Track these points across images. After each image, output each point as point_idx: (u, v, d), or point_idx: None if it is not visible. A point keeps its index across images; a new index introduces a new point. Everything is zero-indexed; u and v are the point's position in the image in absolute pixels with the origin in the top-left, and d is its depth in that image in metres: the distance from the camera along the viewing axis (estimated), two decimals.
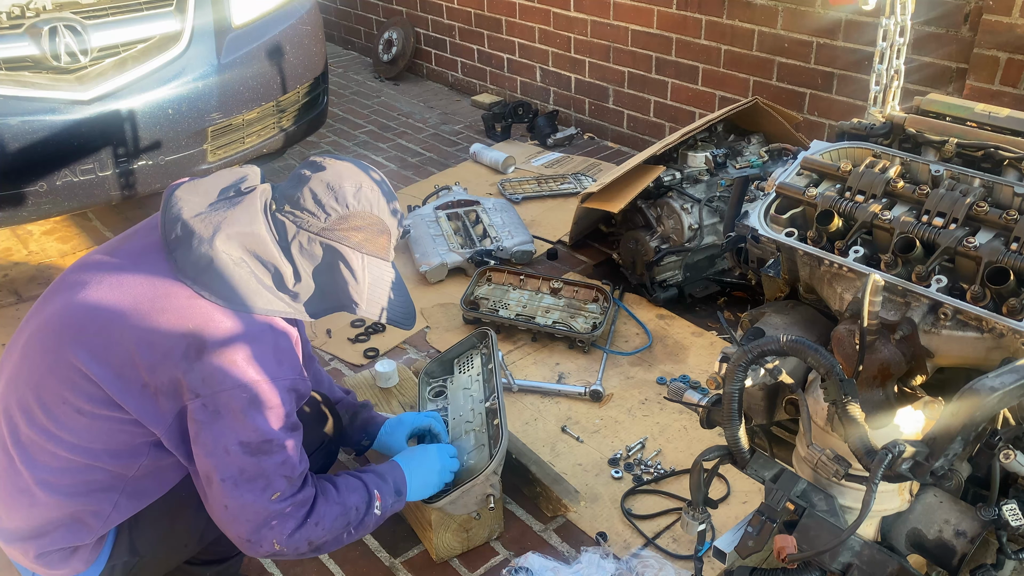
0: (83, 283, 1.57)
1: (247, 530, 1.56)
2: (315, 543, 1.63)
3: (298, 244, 1.61)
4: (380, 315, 1.72)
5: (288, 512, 1.58)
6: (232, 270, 1.53)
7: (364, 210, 1.64)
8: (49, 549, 1.58)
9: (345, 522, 1.68)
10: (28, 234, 3.75)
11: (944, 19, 3.13)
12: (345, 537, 1.69)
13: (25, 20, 2.79)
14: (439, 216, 3.58)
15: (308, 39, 3.56)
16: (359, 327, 3.06)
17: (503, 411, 2.14)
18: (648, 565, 2.06)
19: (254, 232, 1.56)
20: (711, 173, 3.22)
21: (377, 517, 1.75)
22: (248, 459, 1.52)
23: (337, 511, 1.66)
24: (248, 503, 1.54)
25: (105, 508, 1.58)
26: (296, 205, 1.62)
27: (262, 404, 1.52)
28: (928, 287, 1.37)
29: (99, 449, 1.53)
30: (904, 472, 1.21)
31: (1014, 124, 1.57)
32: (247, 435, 1.51)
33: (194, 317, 1.50)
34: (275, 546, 1.58)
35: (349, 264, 1.65)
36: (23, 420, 1.55)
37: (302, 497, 1.60)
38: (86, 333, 1.51)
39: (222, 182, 1.68)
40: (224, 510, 1.55)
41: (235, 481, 1.53)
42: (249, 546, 1.59)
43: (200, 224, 1.55)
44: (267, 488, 1.55)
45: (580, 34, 4.53)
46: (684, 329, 3.05)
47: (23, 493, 1.56)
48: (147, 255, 1.58)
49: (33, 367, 1.55)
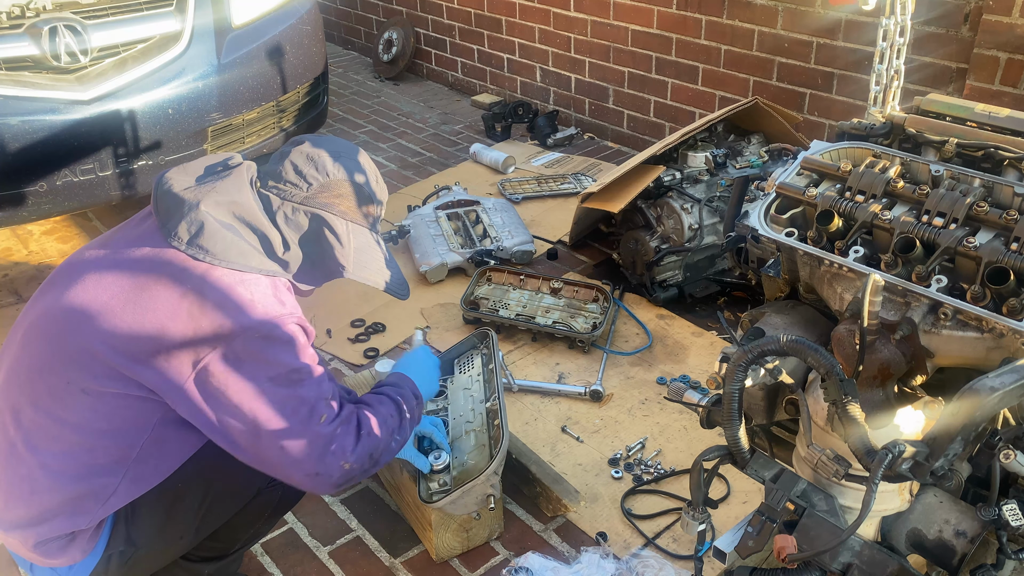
0: (78, 272, 1.60)
1: (313, 462, 1.57)
2: (375, 454, 1.66)
3: (283, 215, 1.67)
4: (371, 280, 1.77)
5: (341, 431, 1.60)
6: (223, 233, 1.57)
7: (345, 178, 1.70)
8: (48, 537, 1.59)
9: (389, 429, 1.71)
10: (28, 234, 3.75)
11: (944, 19, 3.13)
12: (393, 445, 1.73)
13: (25, 20, 2.79)
14: (439, 216, 3.58)
15: (308, 39, 3.56)
16: (359, 327, 3.06)
17: (504, 411, 2.14)
18: (648, 565, 2.06)
19: (242, 200, 1.62)
20: (711, 173, 3.22)
21: (409, 420, 1.80)
22: (284, 391, 1.55)
23: (379, 419, 1.70)
24: (302, 434, 1.56)
25: (105, 492, 1.59)
26: (278, 179, 1.69)
27: (277, 339, 1.55)
28: (928, 287, 1.37)
29: (103, 428, 1.55)
30: (904, 472, 1.21)
31: (1014, 124, 1.57)
32: (274, 370, 1.54)
33: (191, 277, 1.54)
34: (344, 466, 1.60)
35: (334, 229, 1.70)
36: (28, 406, 1.57)
37: (346, 413, 1.64)
38: (87, 314, 1.53)
39: (208, 161, 1.74)
40: (281, 452, 1.56)
41: (283, 417, 1.54)
42: (319, 480, 1.59)
43: (189, 194, 1.60)
44: (313, 413, 1.57)
45: (580, 34, 4.54)
46: (684, 329, 3.05)
47: (24, 480, 1.58)
48: (144, 236, 1.62)
49: (36, 354, 1.58)
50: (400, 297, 1.86)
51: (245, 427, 1.55)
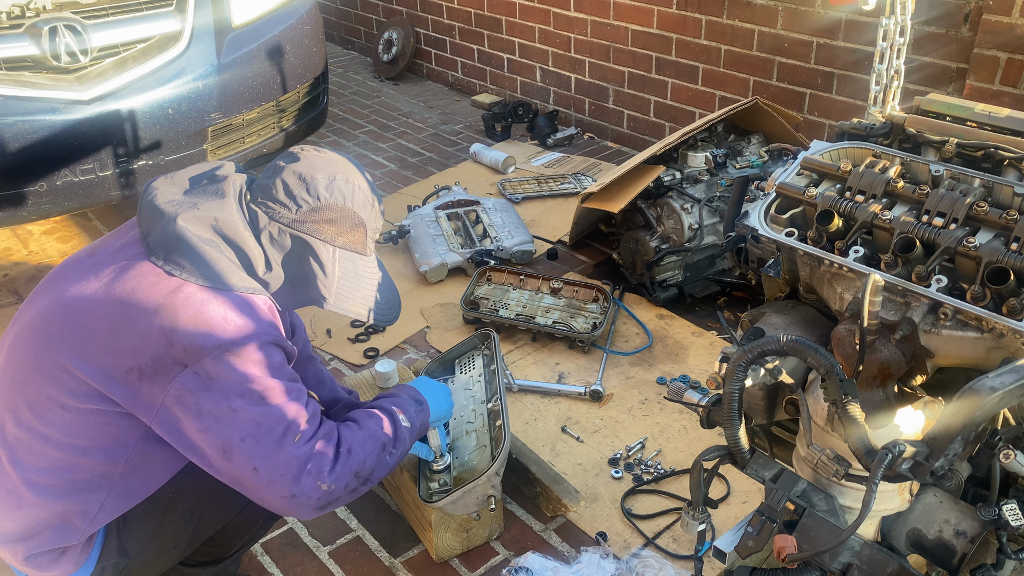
0: (63, 281, 1.58)
1: (287, 484, 1.50)
2: (361, 473, 1.59)
3: (268, 235, 1.62)
4: (351, 311, 1.70)
5: (318, 450, 1.53)
6: (202, 248, 1.53)
7: (337, 202, 1.64)
8: (37, 551, 1.58)
9: (379, 443, 1.65)
10: (28, 234, 3.75)
11: (944, 19, 3.13)
12: (389, 459, 1.67)
13: (25, 20, 2.79)
14: (439, 216, 3.58)
15: (308, 39, 3.56)
16: (359, 327, 3.06)
17: (506, 412, 2.14)
18: (648, 565, 2.06)
19: (224, 216, 1.57)
20: (711, 173, 3.22)
21: (409, 430, 1.73)
22: (256, 409, 1.49)
23: (364, 435, 1.63)
24: (275, 454, 1.49)
25: (92, 508, 1.57)
26: (268, 196, 1.63)
27: (250, 357, 1.50)
28: (928, 287, 1.37)
29: (85, 445, 1.52)
30: (904, 472, 1.21)
31: (1014, 124, 1.57)
32: (246, 388, 1.49)
33: (164, 292, 1.49)
34: (321, 487, 1.53)
35: (319, 257, 1.64)
36: (10, 420, 1.55)
37: (324, 431, 1.56)
38: (64, 328, 1.51)
39: (194, 171, 1.70)
40: (255, 474, 1.50)
41: (255, 437, 1.48)
42: (295, 502, 1.52)
43: (171, 207, 1.57)
44: (287, 433, 1.51)
45: (580, 34, 4.53)
46: (684, 329, 3.05)
47: (11, 494, 1.56)
48: (125, 247, 1.59)
49: (18, 367, 1.56)
50: (385, 324, 1.78)
51: (217, 447, 1.49)
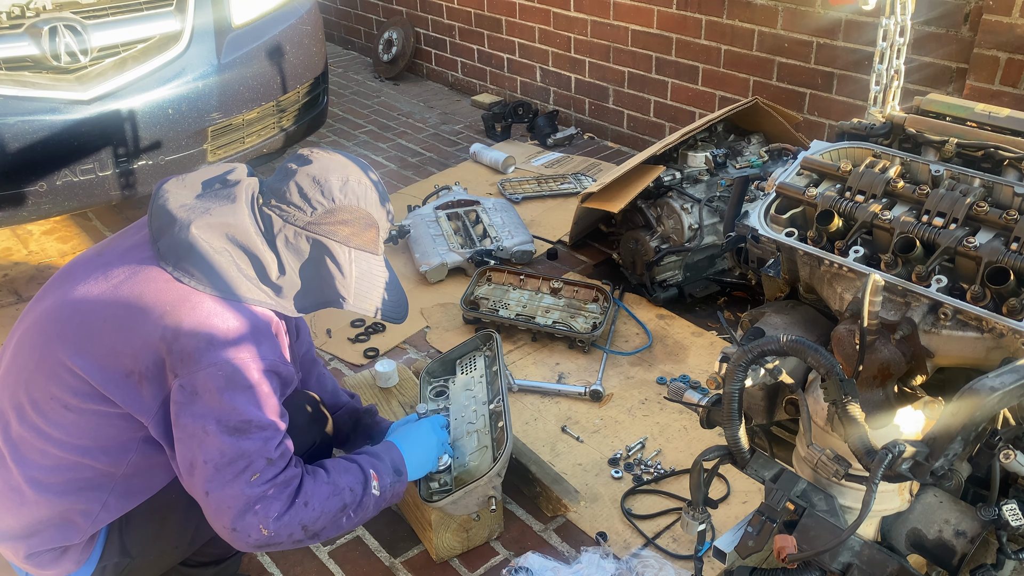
0: (71, 280, 1.58)
1: (230, 518, 1.49)
2: (310, 527, 1.56)
3: (284, 238, 1.61)
4: (369, 310, 1.70)
5: (271, 494, 1.51)
6: (213, 257, 1.53)
7: (351, 204, 1.64)
8: (39, 549, 1.58)
9: (340, 503, 1.61)
10: (28, 234, 3.75)
11: (944, 19, 3.13)
12: (344, 521, 1.63)
13: (25, 20, 2.79)
14: (439, 216, 3.58)
15: (308, 39, 3.56)
16: (359, 327, 3.06)
17: (508, 414, 2.14)
18: (648, 565, 2.06)
19: (237, 223, 1.56)
20: (711, 173, 3.22)
21: (377, 498, 1.69)
22: (226, 439, 1.48)
23: (327, 491, 1.60)
24: (228, 487, 1.48)
25: (94, 507, 1.57)
26: (282, 199, 1.63)
27: (239, 384, 1.49)
28: (928, 287, 1.37)
29: (87, 445, 1.53)
30: (904, 472, 1.21)
31: (1014, 124, 1.57)
32: (224, 415, 1.48)
33: (171, 299, 1.49)
34: (262, 531, 1.50)
35: (336, 258, 1.65)
36: (14, 417, 1.56)
37: (285, 477, 1.54)
38: (69, 327, 1.52)
39: (207, 175, 1.69)
40: (206, 497, 1.50)
41: (216, 465, 1.48)
42: (235, 535, 1.51)
43: (183, 212, 1.56)
44: (246, 470, 1.49)
45: (580, 34, 4.53)
46: (684, 329, 3.05)
47: (13, 491, 1.56)
48: (135, 249, 1.59)
49: (22, 366, 1.56)
50: (395, 322, 1.77)
51: (185, 460, 1.50)
